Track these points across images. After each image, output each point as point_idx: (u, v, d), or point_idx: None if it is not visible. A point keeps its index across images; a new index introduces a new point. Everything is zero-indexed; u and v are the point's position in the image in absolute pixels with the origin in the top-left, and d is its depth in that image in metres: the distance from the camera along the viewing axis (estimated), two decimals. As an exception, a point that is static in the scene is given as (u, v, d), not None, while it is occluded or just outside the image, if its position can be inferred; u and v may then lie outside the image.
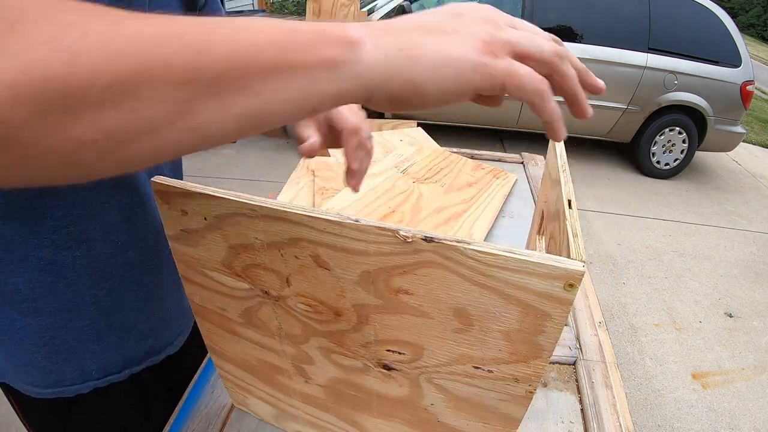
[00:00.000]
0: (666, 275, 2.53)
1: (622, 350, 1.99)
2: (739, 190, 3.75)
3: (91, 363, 0.52)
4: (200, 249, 0.37)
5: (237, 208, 0.32)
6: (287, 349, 0.42)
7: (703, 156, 4.19)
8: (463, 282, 0.28)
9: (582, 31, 3.35)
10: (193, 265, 0.39)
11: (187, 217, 0.35)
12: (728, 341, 2.12)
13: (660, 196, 3.43)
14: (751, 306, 2.37)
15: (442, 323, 0.31)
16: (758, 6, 17.80)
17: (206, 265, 0.38)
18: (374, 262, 0.30)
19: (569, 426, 0.58)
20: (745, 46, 3.41)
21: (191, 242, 0.37)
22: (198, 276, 0.40)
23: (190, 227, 0.36)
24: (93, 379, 0.53)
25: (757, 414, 1.78)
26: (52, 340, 0.48)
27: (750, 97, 3.42)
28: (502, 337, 0.30)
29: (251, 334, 0.43)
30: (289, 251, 0.33)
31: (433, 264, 0.28)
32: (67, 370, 0.51)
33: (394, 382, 0.38)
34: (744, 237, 3.02)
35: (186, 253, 0.39)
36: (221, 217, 0.33)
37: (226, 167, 3.10)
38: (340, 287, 0.33)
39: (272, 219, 0.31)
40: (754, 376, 1.95)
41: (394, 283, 0.30)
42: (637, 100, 3.40)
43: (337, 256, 0.31)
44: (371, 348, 0.36)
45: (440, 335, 0.32)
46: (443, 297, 0.30)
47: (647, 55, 3.32)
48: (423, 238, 0.27)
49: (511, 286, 0.27)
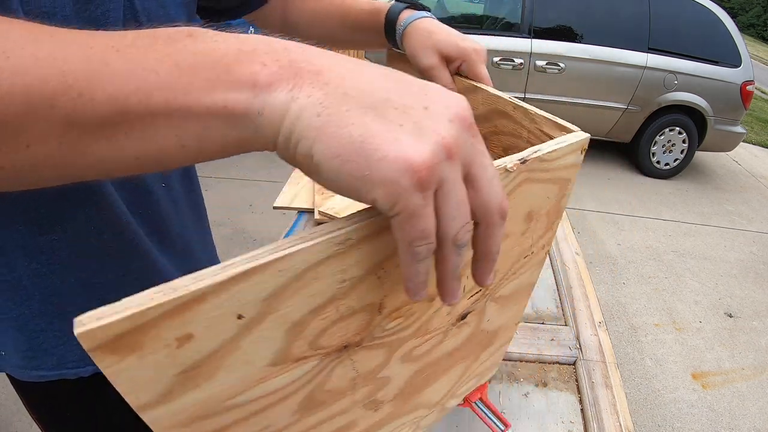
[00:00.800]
0: (666, 275, 2.53)
1: (622, 350, 1.99)
2: (739, 190, 3.75)
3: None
4: (222, 374, 0.21)
5: (320, 253, 0.21)
6: (359, 395, 0.33)
7: (703, 156, 4.19)
8: (538, 184, 0.32)
9: (582, 31, 3.35)
10: (207, 413, 0.22)
11: (192, 342, 0.19)
12: (728, 341, 2.12)
13: (660, 196, 3.43)
14: (751, 306, 2.37)
15: (515, 235, 0.34)
16: (758, 6, 17.79)
17: (235, 390, 0.23)
18: None
19: (569, 426, 0.58)
20: (745, 46, 3.41)
21: (202, 377, 0.20)
22: (219, 419, 0.23)
23: (199, 355, 0.20)
24: (91, 363, 0.53)
25: (757, 414, 1.77)
26: (49, 324, 0.48)
27: (750, 97, 3.42)
28: (545, 217, 0.35)
29: (312, 420, 0.31)
30: (391, 262, 0.25)
31: (523, 182, 0.31)
32: (68, 353, 0.51)
33: (465, 327, 0.38)
34: (744, 237, 3.02)
35: (188, 408, 0.21)
36: (283, 287, 0.20)
37: (225, 167, 3.10)
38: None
39: (374, 236, 0.23)
40: (754, 376, 1.95)
41: None
42: (637, 100, 3.40)
43: None
44: (457, 306, 0.34)
45: (510, 248, 0.35)
46: (521, 208, 0.33)
47: (647, 55, 3.32)
48: (519, 160, 0.29)
49: (560, 168, 0.33)
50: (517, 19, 3.36)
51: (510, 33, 3.36)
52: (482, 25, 3.59)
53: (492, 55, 3.27)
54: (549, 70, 3.30)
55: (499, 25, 3.50)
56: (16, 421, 1.42)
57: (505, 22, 3.48)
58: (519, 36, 3.31)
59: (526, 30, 3.31)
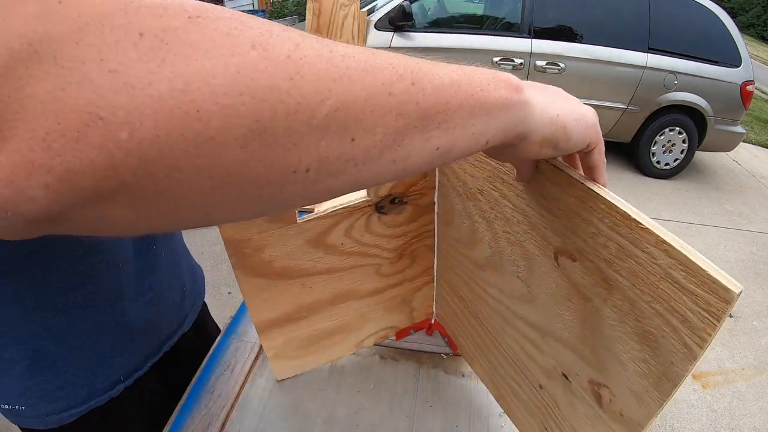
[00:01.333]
0: (666, 275, 2.52)
1: (622, 350, 1.99)
2: (739, 190, 3.75)
3: (119, 368, 0.55)
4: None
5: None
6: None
7: (703, 156, 4.18)
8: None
9: (582, 31, 3.35)
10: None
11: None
12: (728, 341, 2.12)
13: (660, 196, 3.43)
14: (751, 306, 2.37)
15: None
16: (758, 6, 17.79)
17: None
18: None
19: (569, 426, 0.58)
20: (745, 46, 3.41)
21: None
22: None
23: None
24: (122, 381, 0.55)
25: (757, 414, 1.77)
26: (80, 361, 0.51)
27: (750, 97, 3.42)
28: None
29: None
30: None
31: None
32: (97, 381, 0.53)
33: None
34: (744, 237, 3.02)
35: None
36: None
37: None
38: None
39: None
40: (754, 376, 1.95)
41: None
42: (637, 100, 3.40)
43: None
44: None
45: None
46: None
47: (647, 55, 3.32)
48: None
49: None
50: (517, 19, 3.36)
51: (510, 33, 3.36)
52: (482, 25, 3.59)
53: (492, 55, 3.27)
54: (549, 70, 3.30)
55: (499, 25, 3.50)
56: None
57: (505, 22, 3.48)
58: (519, 36, 3.31)
59: (526, 30, 3.31)
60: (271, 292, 0.55)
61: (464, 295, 0.57)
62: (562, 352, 0.39)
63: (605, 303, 0.31)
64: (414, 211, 0.58)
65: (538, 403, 0.46)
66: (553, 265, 0.36)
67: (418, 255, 0.62)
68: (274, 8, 6.43)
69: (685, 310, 0.25)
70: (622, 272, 0.29)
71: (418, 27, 3.37)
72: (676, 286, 0.26)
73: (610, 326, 0.31)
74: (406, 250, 0.61)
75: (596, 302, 0.32)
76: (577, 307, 0.35)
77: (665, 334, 0.27)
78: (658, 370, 0.28)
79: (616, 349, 0.31)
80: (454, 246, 0.56)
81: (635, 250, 0.28)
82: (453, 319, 0.64)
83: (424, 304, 0.69)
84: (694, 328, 0.25)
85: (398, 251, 0.60)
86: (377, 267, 0.60)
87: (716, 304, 0.24)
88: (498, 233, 0.44)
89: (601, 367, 0.34)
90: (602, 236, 0.30)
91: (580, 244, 0.32)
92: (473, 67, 0.25)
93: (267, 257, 0.51)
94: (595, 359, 0.34)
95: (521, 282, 0.42)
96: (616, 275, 0.30)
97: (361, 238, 0.56)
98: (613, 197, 0.29)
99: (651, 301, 0.28)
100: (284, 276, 0.54)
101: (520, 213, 0.39)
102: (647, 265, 0.27)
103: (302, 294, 0.57)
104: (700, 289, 0.24)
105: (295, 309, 0.58)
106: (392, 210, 0.56)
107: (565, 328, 0.37)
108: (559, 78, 3.32)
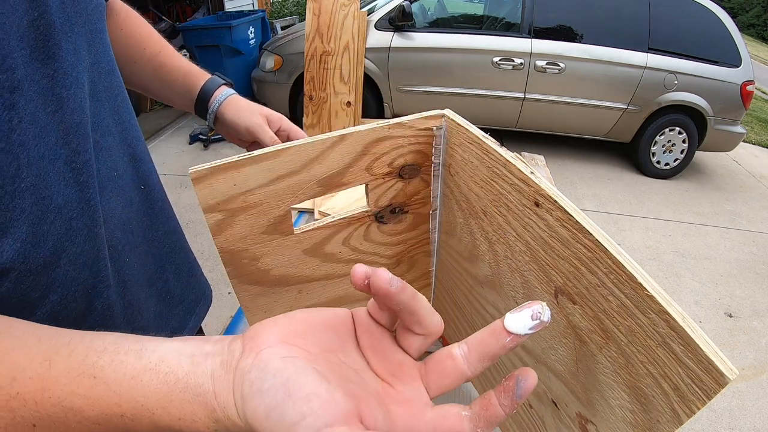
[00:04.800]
0: (666, 275, 2.53)
1: (622, 350, 1.99)
2: (739, 190, 3.75)
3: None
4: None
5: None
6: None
7: (703, 156, 4.19)
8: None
9: (582, 31, 3.35)
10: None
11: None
12: (728, 341, 2.12)
13: (660, 196, 3.43)
14: (751, 306, 2.37)
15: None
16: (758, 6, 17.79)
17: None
18: None
19: (569, 426, 0.58)
20: (745, 46, 3.41)
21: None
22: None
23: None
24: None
25: (757, 414, 1.77)
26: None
27: (750, 97, 3.42)
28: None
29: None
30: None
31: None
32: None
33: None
34: (744, 237, 3.02)
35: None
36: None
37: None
38: None
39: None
40: (754, 376, 1.95)
41: None
42: (637, 100, 3.40)
43: None
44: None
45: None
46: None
47: (647, 55, 3.32)
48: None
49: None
50: (517, 19, 3.36)
51: (510, 33, 3.36)
52: (482, 25, 3.59)
53: (492, 55, 3.27)
54: (549, 70, 3.30)
55: (499, 25, 3.50)
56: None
57: (505, 22, 3.48)
58: (519, 36, 3.31)
59: (526, 30, 3.31)
60: (267, 299, 0.54)
61: (462, 305, 0.56)
62: (553, 382, 0.38)
63: (601, 351, 0.31)
64: (414, 220, 0.57)
65: (527, 420, 0.45)
66: (553, 301, 0.35)
67: (417, 261, 0.61)
68: (274, 8, 6.43)
69: (678, 380, 0.25)
70: (621, 328, 0.29)
71: (418, 27, 3.37)
72: (673, 357, 0.25)
73: (603, 373, 0.31)
74: (405, 257, 0.60)
75: (592, 347, 0.32)
76: (572, 345, 0.34)
77: (655, 395, 0.27)
78: (644, 423, 0.28)
79: (606, 394, 0.31)
80: (454, 257, 0.55)
81: (637, 312, 0.27)
82: (450, 326, 0.63)
83: None
84: (684, 399, 0.25)
85: (397, 258, 0.59)
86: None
87: (709, 384, 0.23)
88: (499, 256, 0.43)
89: (590, 405, 0.34)
90: (605, 289, 0.29)
91: (582, 290, 0.32)
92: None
93: (263, 266, 0.51)
94: (585, 396, 0.34)
95: None
96: (615, 329, 0.29)
97: (359, 247, 0.55)
98: (624, 256, 0.28)
99: (646, 362, 0.27)
100: (281, 284, 0.53)
101: (524, 244, 0.38)
102: (647, 329, 0.27)
103: (299, 299, 0.56)
104: (696, 366, 0.24)
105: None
106: (392, 219, 0.55)
107: (559, 361, 0.36)
108: (559, 78, 3.32)
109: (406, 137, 0.49)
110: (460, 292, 0.55)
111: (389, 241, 0.57)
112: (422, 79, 3.42)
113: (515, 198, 0.38)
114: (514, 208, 0.38)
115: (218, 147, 3.37)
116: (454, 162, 0.48)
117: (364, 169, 0.49)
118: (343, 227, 0.52)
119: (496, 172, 0.40)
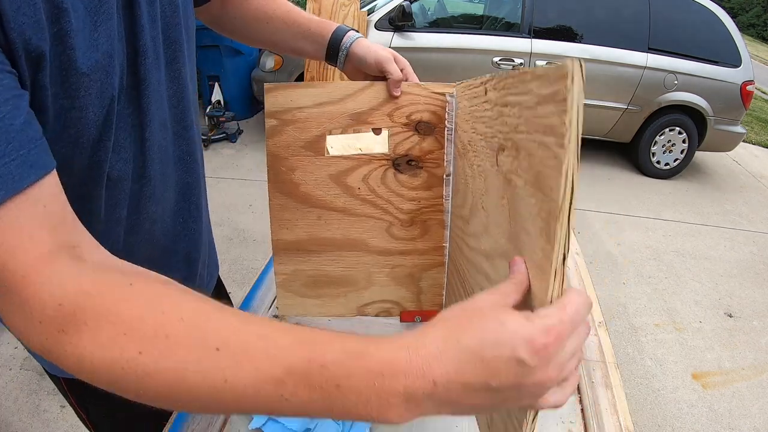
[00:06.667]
0: (666, 275, 2.53)
1: (622, 350, 1.99)
2: (739, 190, 3.75)
3: None
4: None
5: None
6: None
7: (703, 156, 4.18)
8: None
9: (582, 31, 3.35)
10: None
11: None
12: (728, 341, 2.12)
13: (660, 196, 3.43)
14: (751, 306, 2.37)
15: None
16: (758, 6, 17.79)
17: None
18: None
19: (569, 425, 0.58)
20: (745, 46, 3.41)
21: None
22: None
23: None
24: None
25: (757, 414, 1.77)
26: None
27: (750, 97, 3.42)
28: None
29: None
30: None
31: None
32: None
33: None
34: (744, 237, 3.02)
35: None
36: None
37: (225, 167, 3.10)
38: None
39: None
40: (754, 376, 1.95)
41: None
42: (637, 100, 3.40)
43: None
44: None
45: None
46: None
47: (647, 55, 3.32)
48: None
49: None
50: (517, 19, 3.36)
51: (510, 33, 3.36)
52: (482, 25, 3.59)
53: (492, 55, 3.27)
54: (549, 70, 3.30)
55: (499, 25, 3.51)
56: (16, 421, 1.43)
57: (505, 22, 3.48)
58: (519, 36, 3.31)
59: (526, 30, 3.31)
60: (292, 214, 0.63)
61: (471, 292, 0.57)
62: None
63: (514, 170, 0.33)
64: (428, 179, 0.63)
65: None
66: (497, 171, 0.37)
67: (430, 228, 0.65)
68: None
69: (543, 123, 0.27)
70: (520, 127, 0.32)
71: (418, 27, 3.37)
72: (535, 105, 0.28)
73: (519, 197, 0.32)
74: (418, 218, 0.65)
75: (513, 178, 0.33)
76: (508, 199, 0.35)
77: (534, 150, 0.29)
78: (545, 206, 0.29)
79: (525, 221, 0.32)
80: (456, 221, 0.58)
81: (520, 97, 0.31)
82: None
83: (432, 290, 0.70)
84: (556, 135, 0.26)
85: (410, 216, 0.65)
86: (388, 225, 0.65)
87: (560, 91, 0.25)
88: (474, 170, 0.46)
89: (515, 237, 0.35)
90: (508, 112, 0.34)
91: (505, 131, 0.35)
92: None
93: (296, 179, 0.62)
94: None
95: (492, 238, 0.43)
96: (516, 135, 0.32)
97: (376, 188, 0.64)
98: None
99: (526, 131, 0.30)
100: (306, 202, 0.63)
101: (482, 138, 0.42)
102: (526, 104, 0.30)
103: (318, 226, 0.65)
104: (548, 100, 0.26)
105: (308, 239, 0.65)
106: (407, 170, 0.63)
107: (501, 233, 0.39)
108: (559, 78, 3.32)
109: (423, 96, 0.61)
110: (466, 270, 0.57)
111: (404, 194, 0.64)
112: (422, 79, 3.42)
113: (479, 101, 0.43)
114: (477, 113, 0.43)
115: (218, 147, 3.37)
116: (460, 120, 0.55)
117: (387, 114, 0.61)
118: (364, 163, 0.62)
119: (474, 99, 0.45)
